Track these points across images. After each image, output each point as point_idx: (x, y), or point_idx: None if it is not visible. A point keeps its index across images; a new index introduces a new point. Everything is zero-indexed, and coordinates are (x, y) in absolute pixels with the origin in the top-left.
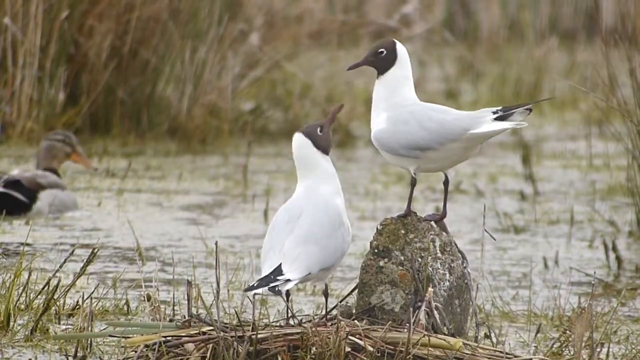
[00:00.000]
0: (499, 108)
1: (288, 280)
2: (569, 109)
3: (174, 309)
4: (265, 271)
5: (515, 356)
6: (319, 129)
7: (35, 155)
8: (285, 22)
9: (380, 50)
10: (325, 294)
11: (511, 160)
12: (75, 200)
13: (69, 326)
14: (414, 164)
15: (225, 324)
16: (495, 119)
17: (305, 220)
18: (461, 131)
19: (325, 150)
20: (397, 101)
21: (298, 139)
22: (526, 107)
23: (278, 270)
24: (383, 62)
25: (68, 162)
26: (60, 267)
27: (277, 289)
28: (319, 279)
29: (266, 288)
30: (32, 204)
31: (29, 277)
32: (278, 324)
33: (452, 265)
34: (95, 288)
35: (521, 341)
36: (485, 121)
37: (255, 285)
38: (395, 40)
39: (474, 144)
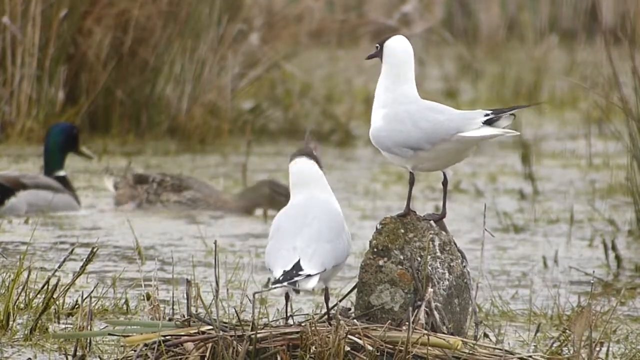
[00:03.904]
0: (491, 110)
1: (309, 276)
2: (568, 108)
3: (173, 308)
4: (281, 268)
5: (514, 354)
6: (312, 150)
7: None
8: (285, 22)
9: (376, 44)
10: (326, 296)
11: (511, 159)
12: (72, 203)
13: (69, 325)
14: (409, 162)
15: (225, 323)
16: (486, 122)
17: (314, 222)
18: (452, 132)
19: (321, 168)
20: (395, 98)
21: (304, 162)
22: (511, 112)
23: (298, 266)
24: (379, 56)
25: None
26: (60, 266)
27: (298, 285)
28: (328, 277)
29: (289, 282)
30: (4, 200)
31: (28, 276)
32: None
33: (452, 264)
34: (94, 287)
35: (521, 340)
36: (475, 124)
37: (280, 279)
38: (392, 37)
39: (465, 147)
